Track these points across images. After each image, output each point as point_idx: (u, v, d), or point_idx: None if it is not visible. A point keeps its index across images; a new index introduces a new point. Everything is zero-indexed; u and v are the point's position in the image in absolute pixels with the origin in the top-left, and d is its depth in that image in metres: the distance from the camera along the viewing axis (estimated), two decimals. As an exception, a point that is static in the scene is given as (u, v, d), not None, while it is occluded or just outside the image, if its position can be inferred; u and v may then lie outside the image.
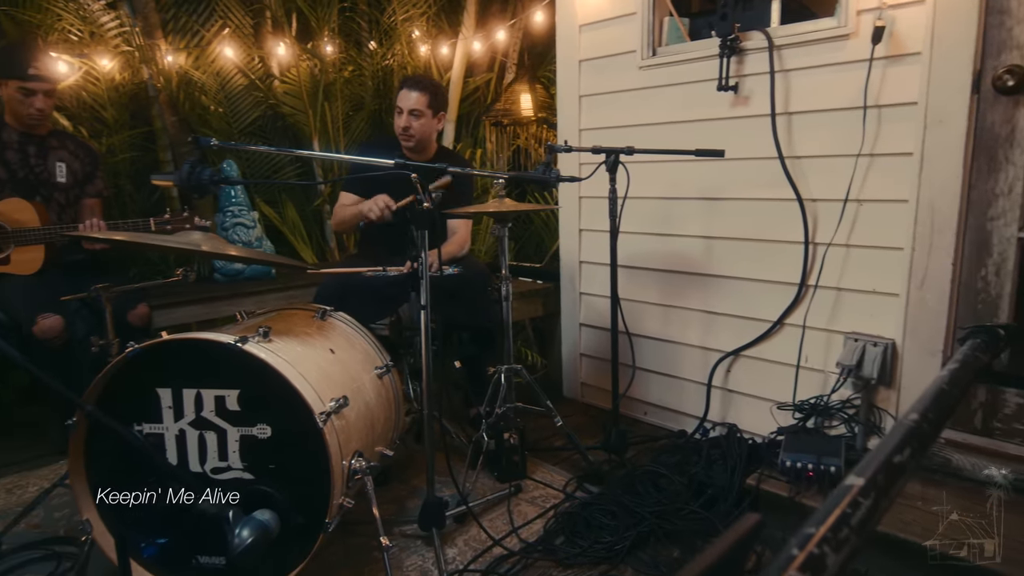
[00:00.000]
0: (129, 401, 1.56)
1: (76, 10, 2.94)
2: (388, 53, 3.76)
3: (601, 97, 2.74)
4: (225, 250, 1.71)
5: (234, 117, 3.45)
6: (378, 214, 2.25)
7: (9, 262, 2.39)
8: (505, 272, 2.21)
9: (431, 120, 2.42)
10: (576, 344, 3.01)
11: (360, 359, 1.91)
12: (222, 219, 3.19)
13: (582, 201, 2.89)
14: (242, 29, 3.41)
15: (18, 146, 2.42)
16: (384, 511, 2.06)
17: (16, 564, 1.79)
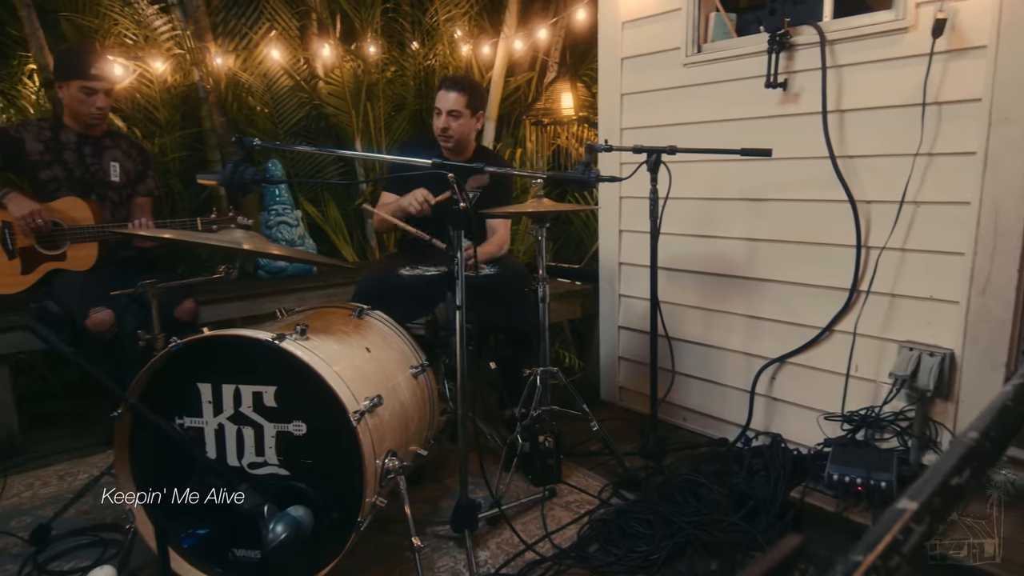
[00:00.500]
0: (171, 395, 1.60)
1: (131, 15, 3.05)
2: (430, 53, 3.77)
3: (643, 95, 2.68)
4: (266, 248, 1.73)
5: (280, 117, 3.52)
6: (417, 208, 2.26)
7: (65, 258, 2.49)
8: (542, 273, 2.19)
9: (470, 120, 2.42)
10: (614, 347, 2.96)
11: (396, 358, 1.91)
12: (266, 217, 3.26)
13: (622, 201, 2.83)
14: (288, 31, 3.48)
15: (75, 146, 2.51)
16: (417, 510, 2.06)
17: (65, 549, 1.85)
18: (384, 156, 3.22)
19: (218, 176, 1.72)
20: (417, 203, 2.26)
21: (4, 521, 2.01)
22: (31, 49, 2.86)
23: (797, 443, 2.20)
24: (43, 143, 2.45)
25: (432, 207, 2.27)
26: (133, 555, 1.72)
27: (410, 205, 2.26)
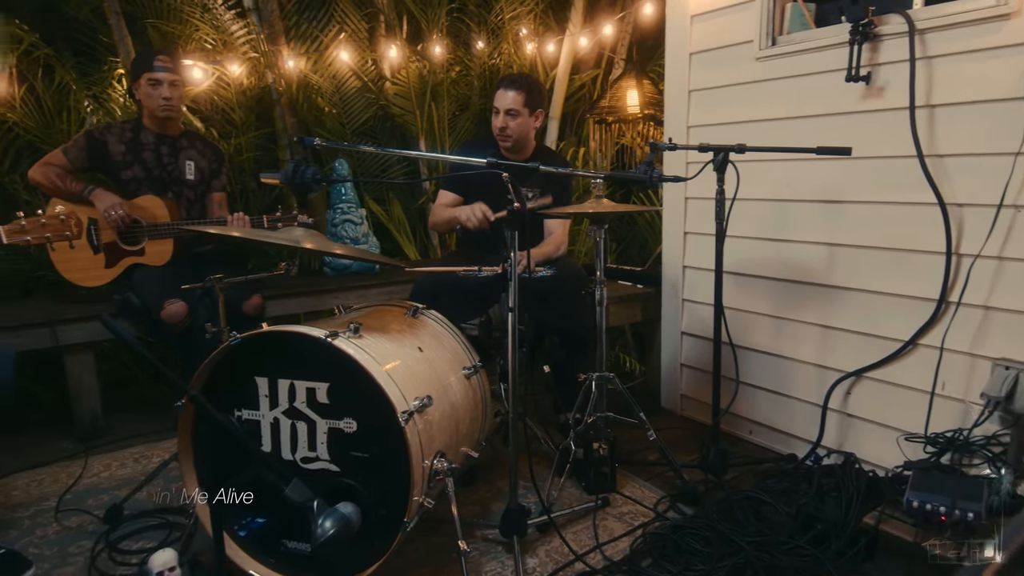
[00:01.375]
0: (231, 387, 1.65)
1: (210, 20, 3.18)
2: (495, 52, 3.76)
3: (712, 92, 2.57)
4: (325, 247, 1.76)
5: (347, 118, 3.59)
6: (475, 224, 2.24)
7: (144, 253, 2.63)
8: (600, 275, 2.12)
9: (528, 119, 2.38)
10: (676, 353, 2.86)
11: (448, 358, 1.90)
12: (332, 215, 3.33)
13: (688, 202, 2.73)
14: (357, 33, 3.55)
15: (154, 147, 2.64)
16: (467, 512, 2.05)
17: (135, 529, 1.95)
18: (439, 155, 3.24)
19: (280, 175, 1.75)
20: (476, 219, 2.24)
21: (83, 499, 2.13)
22: (119, 55, 3.03)
23: (873, 464, 2.05)
24: (124, 144, 2.59)
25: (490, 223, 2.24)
26: (195, 540, 1.79)
27: (468, 220, 2.24)
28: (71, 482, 2.24)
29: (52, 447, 2.54)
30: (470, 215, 2.24)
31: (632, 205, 3.01)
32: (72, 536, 1.92)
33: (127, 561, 1.79)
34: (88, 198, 2.50)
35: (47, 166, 2.51)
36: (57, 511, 2.05)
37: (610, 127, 3.54)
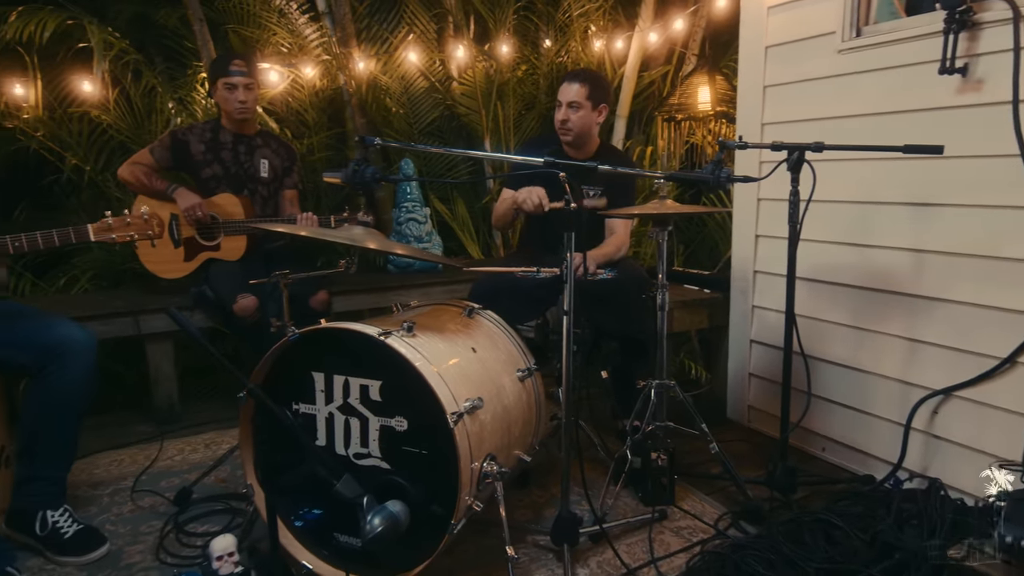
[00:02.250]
0: (290, 381, 1.68)
1: (286, 25, 3.30)
2: (562, 50, 3.72)
3: (789, 87, 2.43)
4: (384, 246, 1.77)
5: (415, 118, 3.65)
6: (531, 207, 2.19)
7: (220, 248, 2.75)
8: (662, 279, 2.05)
9: (590, 113, 2.32)
10: (744, 362, 2.72)
11: (503, 360, 1.87)
12: (397, 214, 3.39)
13: (760, 204, 2.59)
14: (426, 34, 3.59)
15: (231, 146, 2.76)
16: (519, 516, 2.02)
17: (201, 513, 2.03)
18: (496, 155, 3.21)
19: (341, 174, 1.79)
20: (532, 202, 2.20)
21: (156, 481, 2.25)
22: (202, 59, 3.19)
23: (961, 491, 1.88)
24: (205, 144, 2.72)
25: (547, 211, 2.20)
26: (255, 527, 1.85)
27: (525, 202, 2.20)
28: (147, 464, 2.37)
29: (132, 429, 2.70)
30: (527, 196, 2.19)
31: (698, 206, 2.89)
32: (144, 516, 2.03)
33: (192, 543, 1.87)
34: (171, 196, 2.64)
35: (135, 165, 2.67)
36: (133, 491, 2.17)
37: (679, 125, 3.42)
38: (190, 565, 1.77)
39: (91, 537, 1.83)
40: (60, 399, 1.81)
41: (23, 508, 1.82)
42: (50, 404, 1.81)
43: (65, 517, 1.84)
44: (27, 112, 2.95)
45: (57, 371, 1.79)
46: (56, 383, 1.79)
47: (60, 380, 1.80)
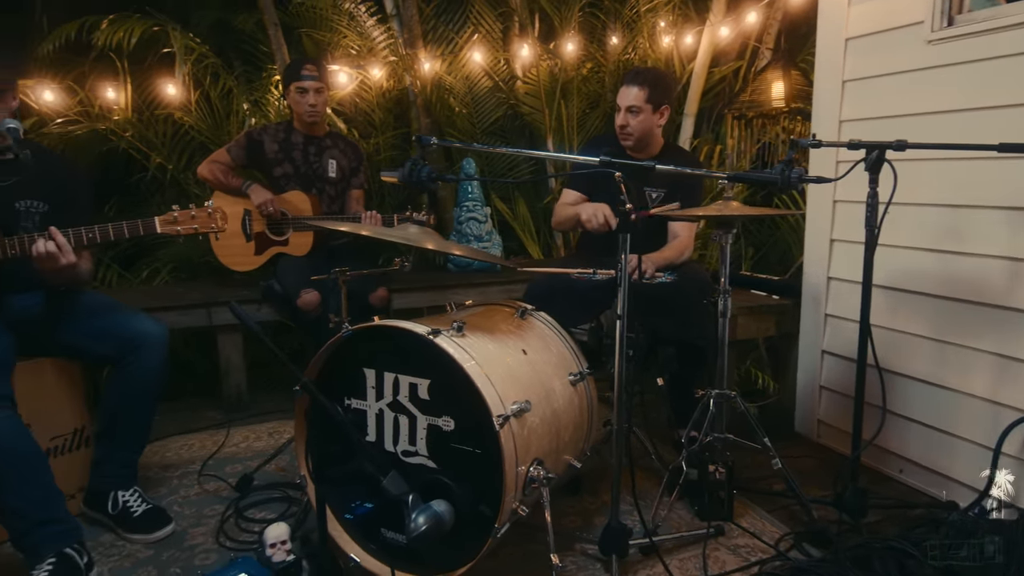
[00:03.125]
0: (343, 376, 1.71)
1: (355, 28, 3.38)
2: (628, 47, 3.63)
3: (870, 82, 2.27)
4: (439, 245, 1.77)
5: (478, 117, 3.66)
6: (596, 226, 2.15)
7: (288, 244, 2.85)
8: (725, 284, 1.95)
9: (651, 116, 2.25)
10: (815, 374, 2.57)
11: (554, 363, 1.84)
12: (458, 213, 3.40)
13: (836, 206, 2.44)
14: (491, 34, 3.60)
15: (302, 146, 2.85)
16: (568, 523, 1.98)
17: (260, 500, 2.10)
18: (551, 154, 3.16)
19: (398, 173, 1.80)
20: (597, 221, 2.15)
21: (222, 466, 2.35)
22: (276, 62, 3.32)
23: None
24: (278, 143, 2.82)
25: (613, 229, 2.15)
26: (309, 517, 1.89)
27: (589, 221, 2.16)
28: (214, 449, 2.48)
29: (203, 416, 2.84)
30: (592, 216, 2.15)
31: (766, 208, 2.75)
32: (208, 500, 2.12)
33: (250, 529, 1.94)
34: (245, 192, 2.76)
35: (213, 163, 2.80)
36: (199, 475, 2.27)
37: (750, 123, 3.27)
38: (246, 550, 1.83)
39: (158, 517, 1.93)
40: (137, 388, 1.92)
41: (98, 488, 1.94)
42: (128, 392, 1.92)
43: (135, 497, 1.95)
44: (117, 114, 3.16)
45: (135, 362, 1.90)
46: (133, 373, 1.90)
47: (137, 370, 1.90)
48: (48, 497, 1.60)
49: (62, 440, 1.98)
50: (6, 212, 1.78)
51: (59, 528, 1.60)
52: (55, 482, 1.64)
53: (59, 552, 1.57)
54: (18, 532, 1.56)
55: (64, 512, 1.64)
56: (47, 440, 1.94)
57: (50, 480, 1.62)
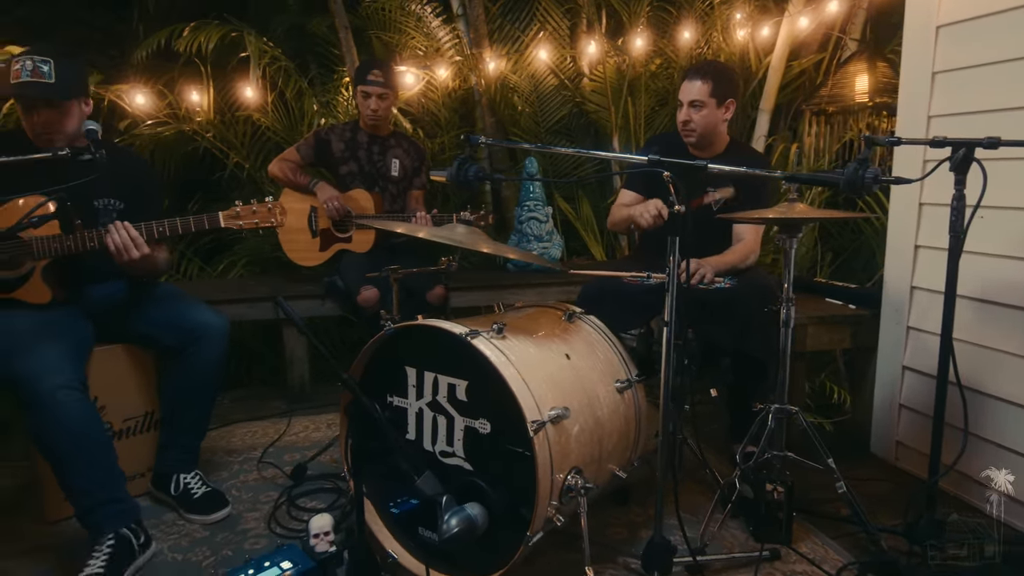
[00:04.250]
0: (387, 374, 1.73)
1: (422, 29, 3.42)
2: (701, 41, 3.49)
3: (964, 73, 2.06)
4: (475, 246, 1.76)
5: (543, 116, 3.62)
6: (648, 221, 2.07)
7: (351, 241, 2.92)
8: (788, 291, 1.82)
9: (715, 111, 2.13)
10: (895, 391, 2.37)
11: (600, 369, 1.78)
12: (519, 213, 3.38)
13: (923, 209, 2.24)
14: (558, 31, 3.55)
15: (367, 146, 2.92)
16: (613, 534, 1.92)
17: (312, 489, 2.16)
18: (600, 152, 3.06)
19: (446, 173, 1.80)
20: (650, 216, 2.07)
21: (280, 454, 2.43)
22: (346, 64, 3.41)
23: None
24: (344, 143, 2.90)
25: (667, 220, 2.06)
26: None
27: (641, 216, 2.09)
28: (275, 438, 2.58)
29: (268, 404, 2.96)
30: (644, 211, 2.08)
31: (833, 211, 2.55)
32: (264, 486, 2.20)
33: (300, 517, 1.99)
34: (312, 190, 2.85)
35: (283, 161, 2.91)
36: (259, 462, 2.37)
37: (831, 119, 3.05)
38: (293, 538, 1.88)
39: (216, 500, 2.02)
40: (196, 378, 2.01)
41: (162, 471, 2.05)
42: (187, 382, 2.02)
43: (196, 480, 2.05)
44: (200, 116, 3.34)
45: (195, 352, 1.99)
46: (193, 364, 1.99)
47: (197, 361, 1.99)
48: (111, 478, 1.71)
49: (134, 422, 2.11)
50: (85, 210, 1.91)
51: (119, 507, 1.70)
52: (118, 463, 1.75)
53: (117, 532, 1.67)
54: (83, 509, 1.67)
55: (124, 492, 1.74)
56: (120, 421, 2.08)
57: (113, 461, 1.73)
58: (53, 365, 1.66)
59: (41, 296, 1.84)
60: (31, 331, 1.74)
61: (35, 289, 1.83)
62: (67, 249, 1.81)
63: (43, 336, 1.73)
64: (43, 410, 1.61)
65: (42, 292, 1.84)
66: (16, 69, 1.76)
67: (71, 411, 1.63)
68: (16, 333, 1.72)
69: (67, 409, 1.63)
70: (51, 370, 1.64)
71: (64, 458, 1.65)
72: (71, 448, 1.64)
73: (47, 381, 1.62)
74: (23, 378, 1.62)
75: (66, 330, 1.82)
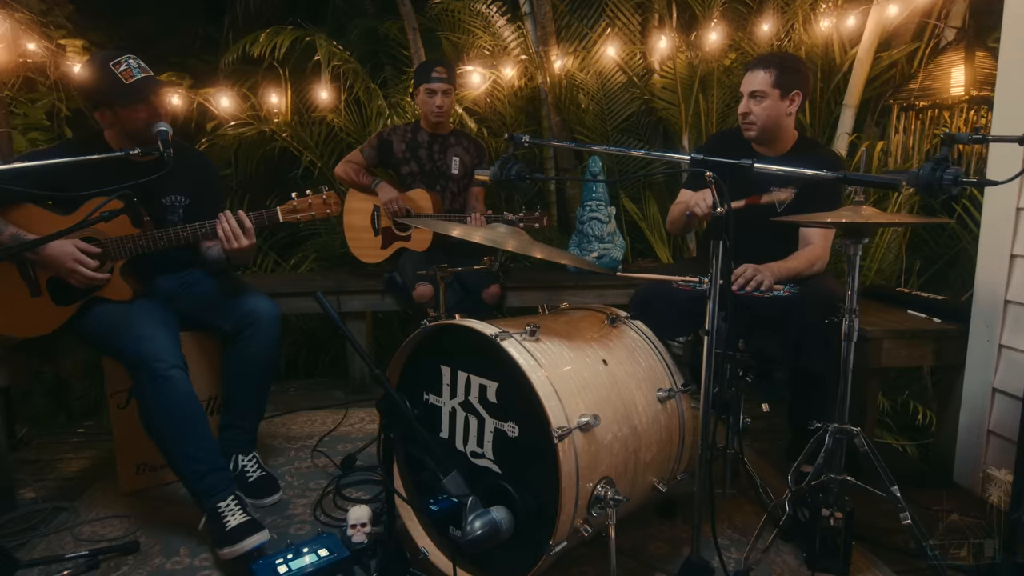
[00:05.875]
0: (424, 371, 1.74)
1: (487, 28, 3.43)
2: (781, 33, 3.29)
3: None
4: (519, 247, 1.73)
5: (609, 114, 3.55)
6: (704, 210, 1.97)
7: (410, 239, 2.98)
8: (851, 302, 1.68)
9: (778, 102, 2.00)
10: (983, 415, 2.14)
11: (640, 376, 1.71)
12: (581, 213, 3.32)
13: (1020, 215, 2.01)
14: (628, 27, 3.46)
15: (427, 145, 2.96)
16: (655, 549, 1.85)
17: (359, 480, 2.22)
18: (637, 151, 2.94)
19: (489, 172, 1.79)
20: (706, 204, 1.98)
21: (334, 444, 2.51)
22: (414, 65, 3.47)
23: None
24: (405, 143, 2.96)
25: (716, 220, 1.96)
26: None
27: (696, 205, 1.99)
28: (332, 427, 2.66)
29: (330, 395, 3.07)
30: (700, 199, 1.98)
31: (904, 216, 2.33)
32: (315, 474, 2.28)
33: (344, 507, 2.05)
34: (374, 190, 2.93)
35: (347, 163, 3.01)
36: (313, 450, 2.45)
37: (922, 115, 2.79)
38: (335, 527, 1.93)
39: (268, 484, 2.11)
40: (250, 362, 2.11)
41: (223, 450, 2.16)
42: (242, 366, 2.12)
43: (252, 463, 2.15)
44: (278, 117, 3.51)
45: (249, 337, 2.09)
46: (248, 348, 2.09)
47: (250, 345, 2.09)
48: (215, 449, 1.87)
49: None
50: (155, 206, 2.05)
51: (227, 475, 1.87)
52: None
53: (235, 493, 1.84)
54: (197, 475, 1.81)
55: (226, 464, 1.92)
56: (187, 404, 2.21)
57: (211, 433, 1.87)
58: (164, 348, 1.82)
59: (122, 293, 1.98)
60: (138, 319, 1.89)
61: (116, 287, 1.97)
62: (140, 248, 1.94)
63: (149, 322, 1.89)
64: (159, 388, 1.77)
65: (123, 289, 1.98)
66: (123, 70, 1.88)
67: (181, 387, 1.80)
68: (127, 321, 1.88)
69: (179, 385, 1.80)
70: (164, 352, 1.81)
71: (178, 431, 1.80)
72: (183, 421, 1.79)
73: (161, 362, 1.79)
74: (141, 360, 1.79)
75: (166, 316, 1.98)
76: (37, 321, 1.96)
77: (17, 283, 1.94)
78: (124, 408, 2.10)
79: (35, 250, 1.85)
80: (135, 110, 1.91)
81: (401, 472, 1.87)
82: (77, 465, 2.40)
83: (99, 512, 2.03)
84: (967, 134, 1.57)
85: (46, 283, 1.94)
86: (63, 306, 1.96)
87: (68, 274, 1.89)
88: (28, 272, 1.94)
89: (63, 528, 1.94)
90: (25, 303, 1.94)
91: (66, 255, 1.87)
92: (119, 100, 1.89)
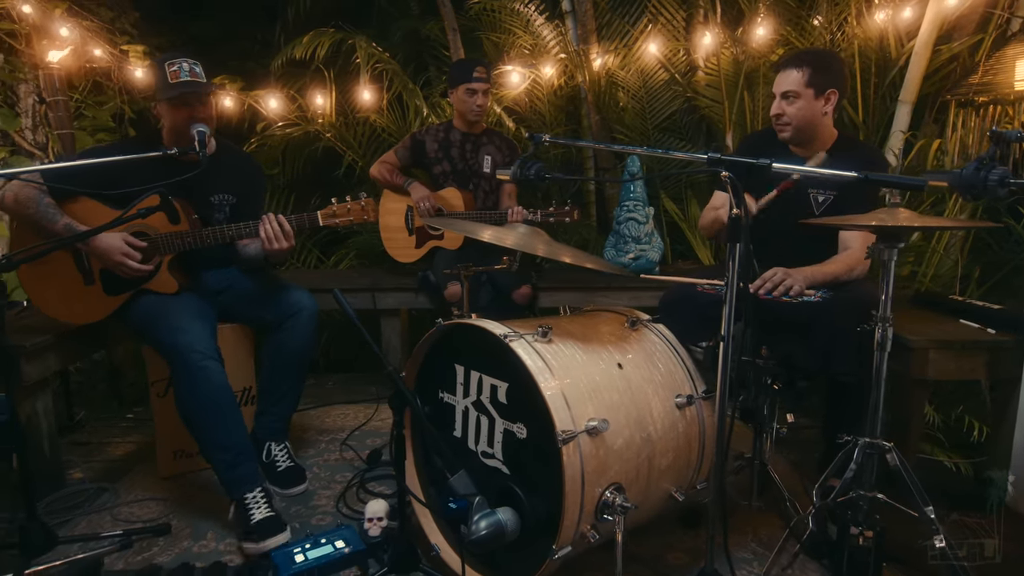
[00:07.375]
0: (441, 370, 1.76)
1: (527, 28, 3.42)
2: (833, 26, 3.14)
3: None
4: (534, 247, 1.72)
5: (651, 113, 3.48)
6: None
7: (443, 238, 3.00)
8: (885, 310, 1.59)
9: (813, 102, 1.91)
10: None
11: (658, 381, 1.67)
12: (618, 213, 3.27)
13: (1086, 219, 1.85)
14: (671, 23, 3.38)
15: (459, 144, 2.98)
16: (674, 559, 1.81)
17: (383, 475, 2.25)
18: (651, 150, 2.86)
19: (509, 172, 1.79)
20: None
21: (363, 438, 2.56)
22: (454, 64, 3.50)
23: None
24: (438, 143, 2.98)
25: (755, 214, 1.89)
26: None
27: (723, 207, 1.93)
28: (363, 422, 2.72)
29: (364, 390, 3.13)
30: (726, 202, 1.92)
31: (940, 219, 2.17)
32: (342, 467, 2.33)
33: (365, 500, 2.08)
34: (407, 190, 2.97)
35: (382, 164, 3.06)
36: (342, 443, 2.51)
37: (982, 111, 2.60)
38: (355, 520, 1.97)
39: (295, 475, 2.18)
40: (288, 353, 2.18)
41: (257, 437, 2.24)
42: (280, 358, 2.19)
43: (283, 453, 2.22)
44: (322, 118, 3.61)
45: (290, 328, 2.17)
46: (288, 338, 2.17)
47: (291, 336, 2.17)
48: (247, 441, 1.94)
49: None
50: (203, 204, 2.14)
51: (255, 467, 1.94)
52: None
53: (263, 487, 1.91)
54: (228, 464, 1.88)
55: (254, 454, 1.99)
56: (222, 395, 2.30)
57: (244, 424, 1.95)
58: (200, 339, 1.90)
59: (169, 287, 2.07)
60: (177, 311, 1.98)
61: (164, 280, 2.07)
62: (187, 244, 2.03)
63: (186, 315, 1.97)
64: (194, 379, 1.85)
65: (169, 283, 2.07)
66: (174, 71, 1.99)
67: (215, 379, 1.88)
68: (166, 312, 1.98)
69: (213, 376, 1.87)
70: (199, 343, 1.89)
71: (210, 421, 1.87)
72: (216, 411, 1.87)
73: (197, 353, 1.87)
74: (177, 351, 1.87)
75: (203, 309, 2.06)
76: (90, 309, 2.08)
77: (73, 272, 2.06)
78: (163, 396, 2.20)
79: (86, 241, 1.96)
80: (176, 109, 2.00)
81: (419, 469, 1.89)
82: (123, 449, 2.54)
83: (138, 494, 2.13)
84: (1018, 131, 1.46)
85: (99, 273, 2.05)
86: (113, 295, 2.07)
87: (115, 266, 1.99)
88: (83, 262, 2.06)
89: (104, 508, 2.05)
90: (80, 291, 2.06)
91: (114, 248, 1.97)
92: (161, 96, 2.00)
